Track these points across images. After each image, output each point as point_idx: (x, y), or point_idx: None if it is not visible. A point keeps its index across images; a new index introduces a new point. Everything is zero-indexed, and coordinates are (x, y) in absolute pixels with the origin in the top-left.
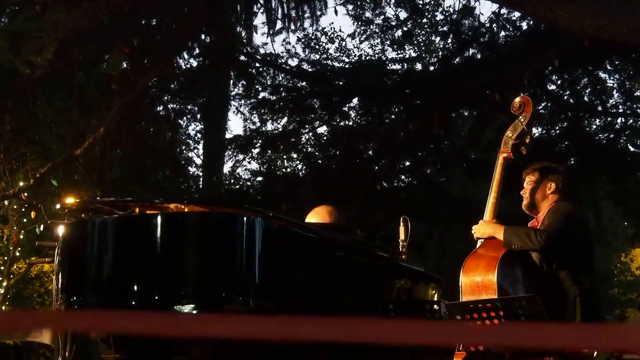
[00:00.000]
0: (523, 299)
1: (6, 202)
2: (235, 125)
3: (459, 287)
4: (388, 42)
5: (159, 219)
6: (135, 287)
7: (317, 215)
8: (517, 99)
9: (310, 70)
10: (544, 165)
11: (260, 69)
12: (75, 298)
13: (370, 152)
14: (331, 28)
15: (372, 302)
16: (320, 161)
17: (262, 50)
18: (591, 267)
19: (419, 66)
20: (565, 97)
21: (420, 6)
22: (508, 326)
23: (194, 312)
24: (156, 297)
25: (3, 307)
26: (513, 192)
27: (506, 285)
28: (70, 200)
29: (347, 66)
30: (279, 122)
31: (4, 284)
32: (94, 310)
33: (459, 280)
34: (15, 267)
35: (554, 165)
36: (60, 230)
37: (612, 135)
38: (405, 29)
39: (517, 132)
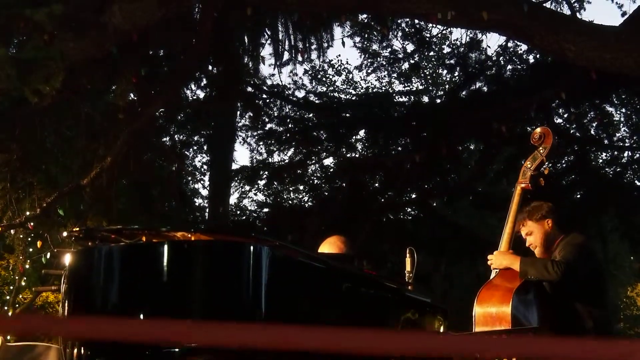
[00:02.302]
0: (530, 331)
1: (12, 231)
2: (241, 156)
3: (472, 317)
4: (395, 75)
5: (165, 247)
6: (142, 316)
7: (330, 246)
8: (538, 130)
9: (317, 102)
10: (530, 210)
11: (267, 100)
12: None
13: (376, 184)
14: (338, 60)
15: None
16: (326, 193)
17: (269, 82)
18: (604, 300)
19: (425, 98)
20: (572, 131)
21: (427, 39)
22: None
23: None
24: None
25: (9, 337)
26: None
27: (521, 317)
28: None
29: (354, 98)
30: (285, 153)
31: (10, 313)
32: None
33: (470, 311)
34: (20, 296)
35: (537, 204)
36: (67, 258)
37: (618, 169)
38: (412, 61)
39: (536, 163)
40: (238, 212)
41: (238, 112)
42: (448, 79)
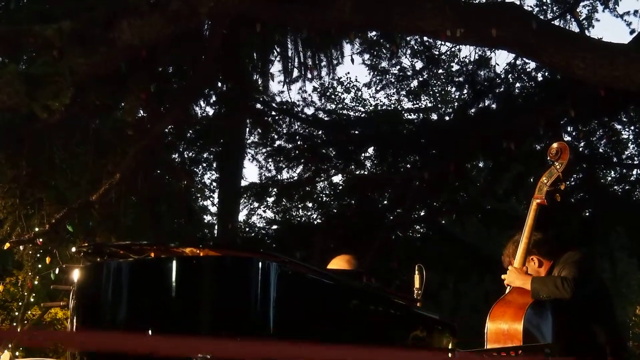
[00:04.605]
0: (542, 347)
1: (21, 247)
2: (250, 173)
3: (485, 333)
4: (404, 92)
5: (174, 263)
6: (150, 331)
7: (338, 264)
8: (555, 145)
9: (326, 119)
10: (515, 248)
11: (276, 117)
12: None
13: (385, 201)
14: (347, 78)
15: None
16: (335, 210)
17: (278, 99)
18: (614, 314)
19: (434, 116)
20: (581, 148)
21: (436, 56)
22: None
23: (207, 356)
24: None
25: (17, 353)
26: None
27: (533, 333)
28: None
29: (362, 115)
30: (294, 170)
31: (18, 329)
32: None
33: (478, 328)
34: (29, 312)
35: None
36: (75, 274)
37: (627, 187)
38: (421, 79)
39: (552, 178)
40: (247, 229)
41: (247, 129)
42: (457, 97)
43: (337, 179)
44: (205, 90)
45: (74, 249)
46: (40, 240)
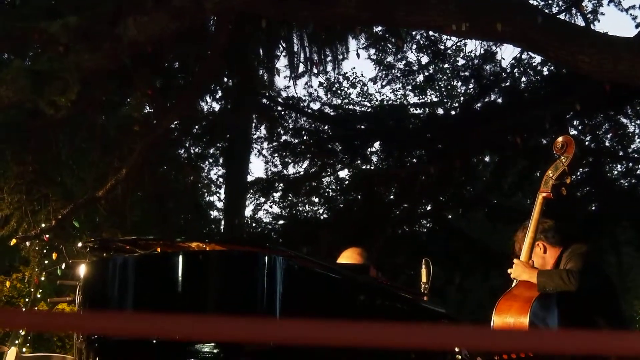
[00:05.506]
0: None
1: (28, 243)
2: (256, 168)
3: (490, 327)
4: (410, 87)
5: (180, 257)
6: None
7: (347, 258)
8: (560, 139)
9: (332, 114)
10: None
11: (282, 112)
12: (96, 337)
13: (391, 196)
14: (353, 73)
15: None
16: (341, 205)
17: (284, 94)
18: (620, 308)
19: (440, 111)
20: (587, 142)
21: (442, 51)
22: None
23: (215, 350)
24: (176, 336)
25: (24, 349)
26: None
27: (539, 327)
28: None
29: (368, 110)
30: (300, 165)
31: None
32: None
33: (484, 323)
34: (36, 308)
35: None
36: (82, 269)
37: (633, 181)
38: (427, 73)
39: (558, 172)
40: (253, 224)
41: (253, 124)
42: (462, 91)
43: (343, 173)
44: (211, 85)
45: (80, 245)
46: (47, 236)
